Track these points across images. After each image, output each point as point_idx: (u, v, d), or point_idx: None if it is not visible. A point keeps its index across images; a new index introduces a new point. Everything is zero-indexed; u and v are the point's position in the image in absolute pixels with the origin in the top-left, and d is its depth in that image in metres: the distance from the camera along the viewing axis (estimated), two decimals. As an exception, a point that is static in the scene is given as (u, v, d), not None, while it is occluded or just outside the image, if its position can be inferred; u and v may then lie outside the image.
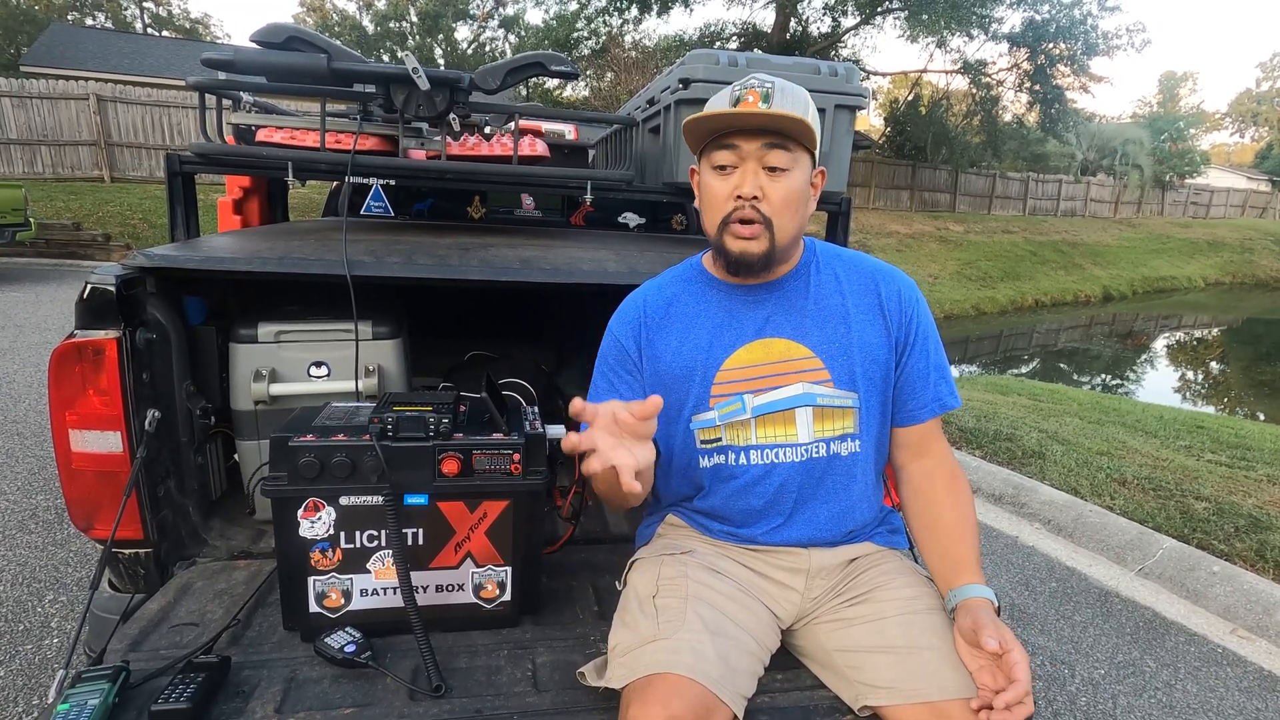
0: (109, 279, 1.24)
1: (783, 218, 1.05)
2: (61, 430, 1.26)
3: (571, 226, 2.88)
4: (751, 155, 1.03)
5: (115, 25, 26.05)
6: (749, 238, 1.05)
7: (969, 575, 1.02)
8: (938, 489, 1.12)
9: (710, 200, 1.08)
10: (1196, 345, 14.20)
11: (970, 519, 1.09)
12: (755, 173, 1.04)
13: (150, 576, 1.38)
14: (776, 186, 1.04)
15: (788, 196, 1.05)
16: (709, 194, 1.08)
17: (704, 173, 1.10)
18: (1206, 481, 3.34)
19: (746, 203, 1.04)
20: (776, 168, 1.04)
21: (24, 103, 11.88)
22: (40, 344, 5.41)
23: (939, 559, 1.07)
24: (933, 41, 17.73)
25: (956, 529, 1.08)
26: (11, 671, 1.87)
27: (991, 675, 0.91)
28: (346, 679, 1.07)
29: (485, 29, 27.18)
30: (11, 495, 2.88)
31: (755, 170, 1.04)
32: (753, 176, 1.04)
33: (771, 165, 1.03)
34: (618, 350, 1.18)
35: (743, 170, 1.04)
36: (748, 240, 1.05)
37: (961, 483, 1.13)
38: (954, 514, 1.09)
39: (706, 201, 1.09)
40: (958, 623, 0.97)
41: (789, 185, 1.05)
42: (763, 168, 1.04)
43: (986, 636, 0.90)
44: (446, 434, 1.16)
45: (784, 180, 1.04)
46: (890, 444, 1.19)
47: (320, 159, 1.66)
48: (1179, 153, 28.69)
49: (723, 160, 1.05)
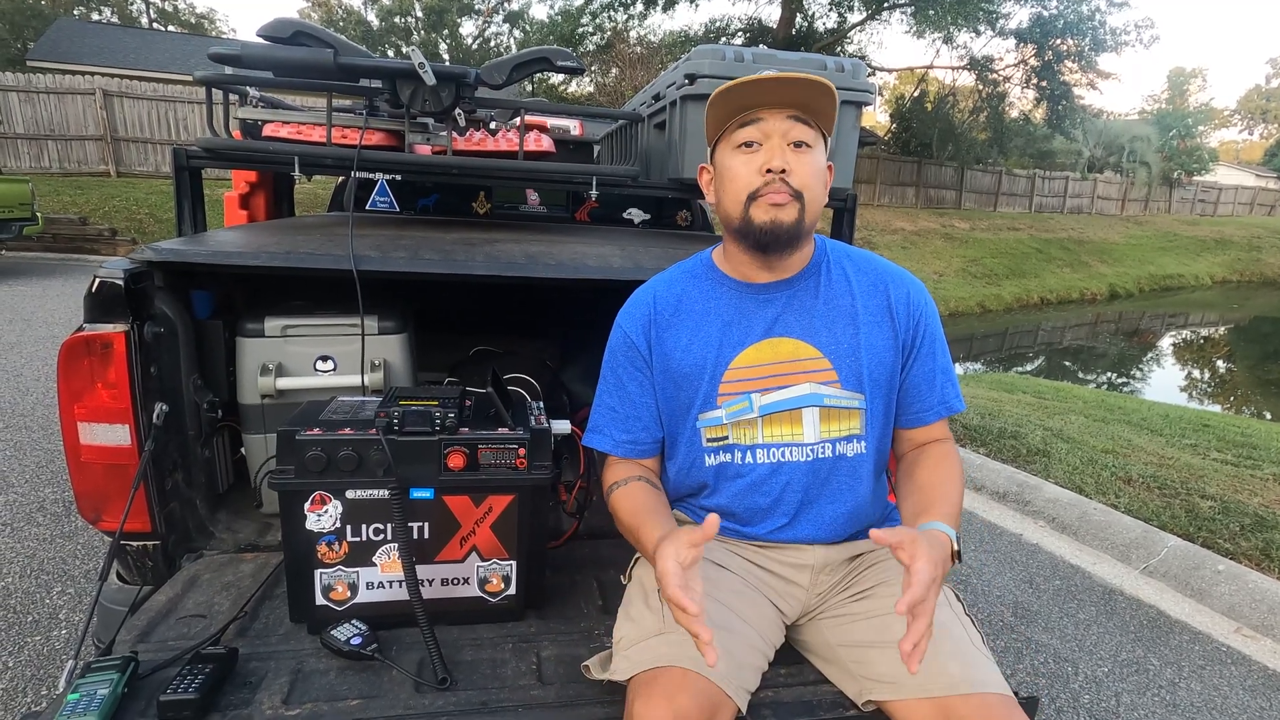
0: (117, 273, 1.25)
1: (811, 191, 1.04)
2: (70, 423, 1.27)
3: (576, 222, 2.88)
4: (776, 130, 1.02)
5: (121, 20, 26.09)
6: (780, 204, 1.03)
7: (931, 516, 0.98)
8: (922, 459, 1.12)
9: (733, 179, 1.05)
10: (1203, 344, 14.14)
11: (951, 480, 1.06)
12: (782, 148, 1.02)
13: (158, 569, 1.39)
14: (803, 160, 1.03)
15: (814, 171, 1.04)
16: (731, 174, 1.06)
17: (724, 155, 1.07)
18: (1212, 480, 3.33)
19: (776, 176, 1.02)
20: (802, 142, 1.03)
21: (31, 97, 11.92)
22: (47, 338, 5.43)
23: (910, 512, 1.04)
24: (939, 37, 17.64)
25: (930, 484, 1.06)
26: (20, 662, 1.88)
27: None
28: (353, 671, 1.08)
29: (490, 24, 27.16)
30: (20, 488, 2.90)
31: (781, 146, 1.02)
32: (780, 150, 1.02)
33: (797, 140, 1.03)
34: (626, 345, 1.18)
35: (769, 146, 1.03)
36: (779, 209, 1.03)
37: (951, 456, 1.11)
38: (931, 475, 1.08)
39: (729, 181, 1.06)
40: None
41: (814, 161, 1.04)
42: (788, 143, 1.03)
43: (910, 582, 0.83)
44: (452, 428, 1.16)
45: (809, 155, 1.03)
46: (896, 445, 1.19)
47: (326, 154, 1.66)
48: (1187, 150, 28.52)
49: (747, 136, 1.03)
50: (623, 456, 1.18)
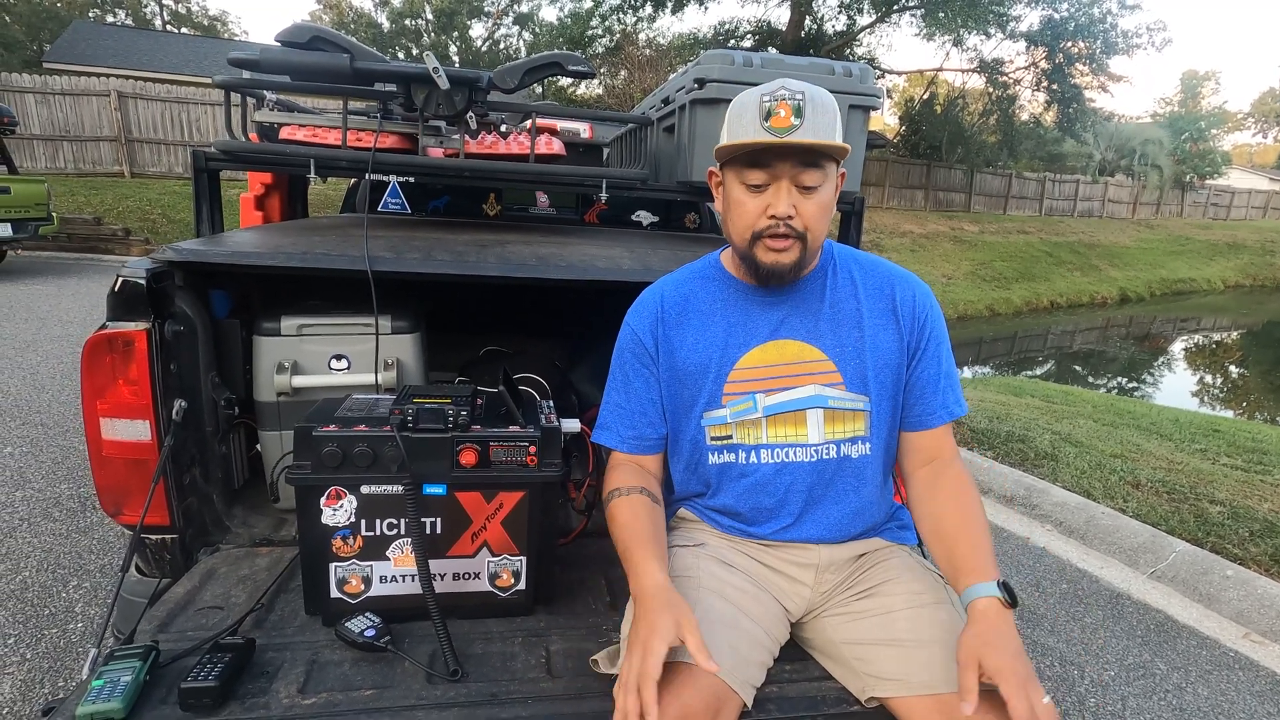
0: (140, 273, 1.28)
1: (814, 230, 1.06)
2: (93, 418, 1.30)
3: (585, 224, 2.90)
4: (785, 174, 1.03)
5: (135, 22, 26.36)
6: (782, 250, 1.06)
7: (971, 576, 1.00)
8: (941, 494, 1.11)
9: (740, 214, 1.08)
10: (1214, 348, 14.02)
11: (975, 519, 1.07)
12: (789, 191, 1.03)
13: (176, 562, 1.42)
14: (809, 203, 1.05)
15: (820, 211, 1.06)
16: (739, 209, 1.08)
17: (732, 185, 1.08)
18: (1222, 485, 3.31)
19: (781, 222, 1.04)
20: (810, 186, 1.04)
21: (47, 99, 12.08)
22: (62, 337, 5.50)
23: (945, 563, 1.07)
24: (949, 40, 17.58)
25: (958, 532, 1.06)
26: (38, 654, 1.92)
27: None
28: (366, 662, 1.10)
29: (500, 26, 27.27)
30: (36, 484, 2.94)
31: (789, 189, 1.04)
32: (786, 195, 1.03)
33: (805, 185, 1.04)
34: (634, 343, 1.20)
35: (776, 189, 1.04)
36: (780, 253, 1.06)
37: (966, 486, 1.11)
38: (957, 516, 1.07)
39: (735, 214, 1.09)
40: (962, 635, 0.94)
41: (820, 200, 1.05)
42: (796, 187, 1.04)
43: (966, 692, 0.87)
44: (465, 426, 1.18)
45: (816, 196, 1.05)
46: (900, 449, 1.19)
47: (342, 156, 1.69)
48: (1199, 153, 28.29)
49: (755, 180, 1.05)
50: (628, 453, 1.20)
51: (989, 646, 0.89)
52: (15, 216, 7.83)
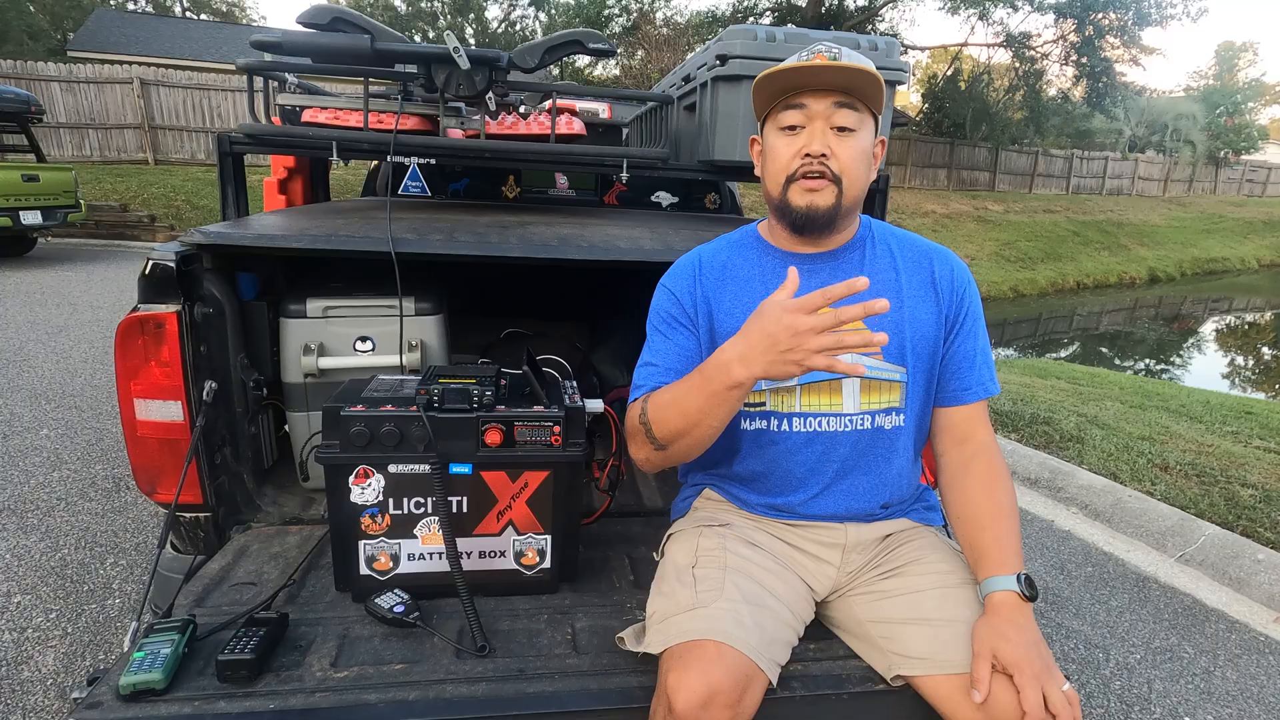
0: (170, 256, 1.30)
1: (851, 175, 1.05)
2: (127, 399, 1.33)
3: (605, 205, 2.89)
4: (820, 115, 1.03)
5: (155, 9, 26.53)
6: (816, 191, 1.04)
7: (991, 568, 1.01)
8: (972, 480, 1.11)
9: (775, 160, 1.07)
10: (1247, 329, 13.67)
11: (1003, 510, 1.07)
12: (824, 131, 1.03)
13: (209, 539, 1.45)
14: (845, 144, 1.04)
15: (856, 155, 1.05)
16: (774, 154, 1.07)
17: (769, 135, 1.08)
18: (1254, 468, 3.24)
19: (815, 160, 1.03)
20: (845, 128, 1.03)
21: (72, 87, 12.24)
22: (93, 321, 5.62)
23: (968, 551, 1.07)
24: (974, 13, 17.16)
25: (985, 521, 1.06)
26: (78, 629, 1.98)
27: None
28: (396, 637, 1.13)
29: (515, 7, 27.03)
30: (72, 465, 3.02)
31: (824, 129, 1.03)
32: (821, 135, 1.03)
33: (840, 125, 1.03)
34: (672, 303, 1.18)
35: (810, 130, 1.04)
36: (814, 193, 1.05)
37: (998, 474, 1.10)
38: (986, 505, 1.07)
39: (770, 162, 1.08)
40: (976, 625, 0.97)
41: (857, 144, 1.04)
42: (831, 128, 1.03)
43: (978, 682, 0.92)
44: (490, 406, 1.19)
45: (852, 139, 1.04)
46: (933, 427, 1.18)
47: (363, 139, 1.70)
48: (1235, 127, 27.41)
49: (790, 120, 1.04)
50: None
51: (1003, 639, 0.92)
52: (45, 204, 7.97)
